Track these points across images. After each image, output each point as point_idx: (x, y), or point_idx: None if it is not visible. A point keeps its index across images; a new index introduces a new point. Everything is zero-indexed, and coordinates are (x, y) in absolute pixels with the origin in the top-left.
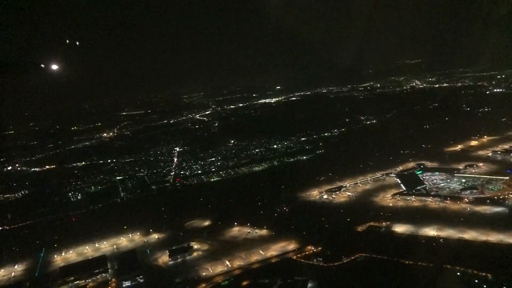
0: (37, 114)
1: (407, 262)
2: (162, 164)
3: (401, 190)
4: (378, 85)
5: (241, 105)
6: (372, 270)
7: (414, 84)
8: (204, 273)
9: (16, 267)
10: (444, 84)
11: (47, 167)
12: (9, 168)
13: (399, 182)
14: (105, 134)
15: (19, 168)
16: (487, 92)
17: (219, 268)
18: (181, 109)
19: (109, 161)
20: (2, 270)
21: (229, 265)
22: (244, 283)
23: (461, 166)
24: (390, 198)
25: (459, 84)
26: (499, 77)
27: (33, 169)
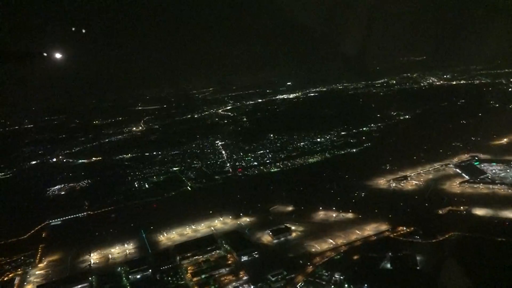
0: (44, 108)
1: (499, 239)
2: (212, 156)
3: (466, 179)
4: (394, 82)
5: (260, 100)
6: (469, 246)
7: (431, 81)
8: (313, 249)
9: (126, 245)
10: (462, 81)
11: (93, 159)
12: (54, 160)
13: (460, 172)
14: (134, 128)
15: (64, 160)
16: (510, 90)
17: (325, 246)
18: (200, 105)
19: (154, 153)
20: (117, 247)
21: (334, 243)
22: (355, 257)
23: None
24: (458, 186)
25: (477, 82)
26: None
27: (80, 161)
